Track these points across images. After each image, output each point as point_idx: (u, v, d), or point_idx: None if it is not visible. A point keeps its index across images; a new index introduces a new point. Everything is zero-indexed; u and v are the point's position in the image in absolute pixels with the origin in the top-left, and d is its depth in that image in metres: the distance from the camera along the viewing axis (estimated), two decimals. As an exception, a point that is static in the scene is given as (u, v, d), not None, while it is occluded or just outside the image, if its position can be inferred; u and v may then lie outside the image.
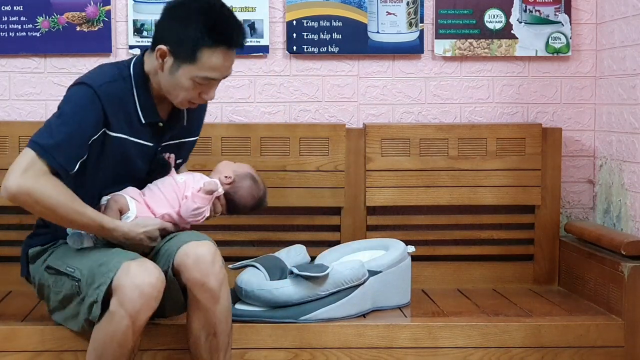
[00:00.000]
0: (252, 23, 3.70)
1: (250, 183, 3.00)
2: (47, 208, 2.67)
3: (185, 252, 2.71)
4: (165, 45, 2.72)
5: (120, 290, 2.60)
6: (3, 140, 3.49)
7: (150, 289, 2.61)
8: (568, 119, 3.80)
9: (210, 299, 2.72)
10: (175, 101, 2.82)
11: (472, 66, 3.79)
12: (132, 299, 2.59)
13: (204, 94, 2.78)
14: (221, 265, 2.74)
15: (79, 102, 2.73)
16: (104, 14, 3.65)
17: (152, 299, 2.62)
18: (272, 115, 3.74)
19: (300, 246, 3.32)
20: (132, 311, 2.60)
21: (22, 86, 3.67)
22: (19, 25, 3.64)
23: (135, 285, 2.59)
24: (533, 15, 3.75)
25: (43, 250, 2.92)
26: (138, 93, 2.82)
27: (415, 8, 3.73)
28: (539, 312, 3.24)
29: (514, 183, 3.62)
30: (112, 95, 2.76)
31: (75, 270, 2.75)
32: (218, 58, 2.71)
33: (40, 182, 2.65)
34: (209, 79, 2.74)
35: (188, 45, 2.69)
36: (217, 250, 2.75)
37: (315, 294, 3.04)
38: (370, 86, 3.77)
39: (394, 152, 3.61)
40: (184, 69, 2.71)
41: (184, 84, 2.74)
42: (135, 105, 2.82)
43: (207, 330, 2.77)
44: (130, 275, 2.60)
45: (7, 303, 3.33)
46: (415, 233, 3.63)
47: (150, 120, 2.84)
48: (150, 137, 2.87)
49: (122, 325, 2.61)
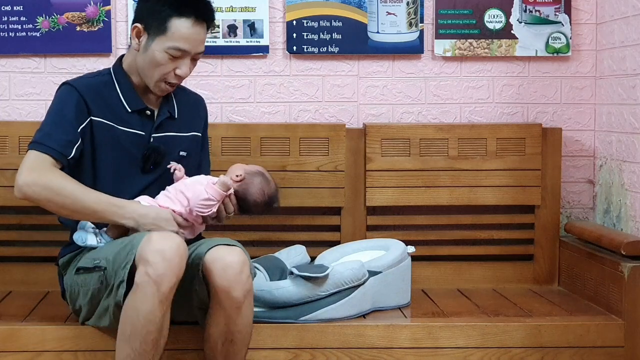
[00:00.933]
0: (252, 23, 3.70)
1: (261, 179, 3.00)
2: (62, 197, 2.77)
3: (214, 257, 2.71)
4: (139, 23, 2.87)
5: (143, 258, 2.61)
6: (3, 140, 3.48)
7: (172, 253, 2.61)
8: (568, 119, 3.80)
9: (233, 308, 2.72)
10: (152, 83, 2.90)
11: (472, 66, 3.79)
12: (155, 262, 2.58)
13: (178, 69, 2.87)
14: (248, 275, 2.74)
15: (59, 97, 2.92)
16: (104, 14, 3.65)
17: (175, 263, 2.61)
18: (272, 115, 3.74)
19: (300, 246, 3.32)
20: (156, 275, 2.58)
21: (22, 86, 3.67)
22: (19, 26, 3.64)
23: (157, 250, 2.59)
24: (533, 15, 3.75)
25: (72, 257, 2.93)
26: (120, 85, 2.94)
27: (415, 8, 3.73)
28: (539, 312, 3.24)
29: (514, 183, 3.62)
30: (91, 87, 2.92)
31: (100, 260, 2.77)
32: (187, 28, 2.84)
33: (49, 174, 2.79)
34: (180, 50, 2.84)
35: (158, 17, 2.83)
36: (246, 259, 2.75)
37: (315, 294, 3.04)
38: (370, 86, 3.77)
39: (394, 152, 3.61)
40: (156, 42, 2.84)
41: (157, 57, 2.84)
42: (119, 95, 2.93)
43: (225, 336, 2.77)
44: (152, 243, 2.62)
45: (7, 303, 3.32)
46: (415, 233, 3.63)
47: (135, 108, 2.93)
48: (141, 126, 2.94)
49: (148, 293, 2.59)
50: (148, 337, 2.65)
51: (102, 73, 3.00)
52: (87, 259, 2.84)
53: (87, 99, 2.88)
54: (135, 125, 2.93)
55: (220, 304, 2.73)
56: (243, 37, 3.70)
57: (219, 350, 2.80)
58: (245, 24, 3.70)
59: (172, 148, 2.99)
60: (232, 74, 3.73)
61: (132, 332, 2.65)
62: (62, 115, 2.86)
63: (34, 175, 2.78)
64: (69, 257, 2.94)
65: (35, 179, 2.77)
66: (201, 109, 3.16)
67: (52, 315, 3.10)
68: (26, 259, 3.55)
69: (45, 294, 3.43)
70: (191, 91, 3.19)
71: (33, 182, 2.77)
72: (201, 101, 3.19)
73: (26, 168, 2.79)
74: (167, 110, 2.99)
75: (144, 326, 2.63)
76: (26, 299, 3.35)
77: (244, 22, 3.70)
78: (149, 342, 2.65)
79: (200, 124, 3.13)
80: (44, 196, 2.78)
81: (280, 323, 3.01)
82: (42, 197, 2.78)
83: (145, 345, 2.65)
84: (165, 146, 2.97)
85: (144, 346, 2.65)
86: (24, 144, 3.46)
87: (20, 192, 2.80)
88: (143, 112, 2.95)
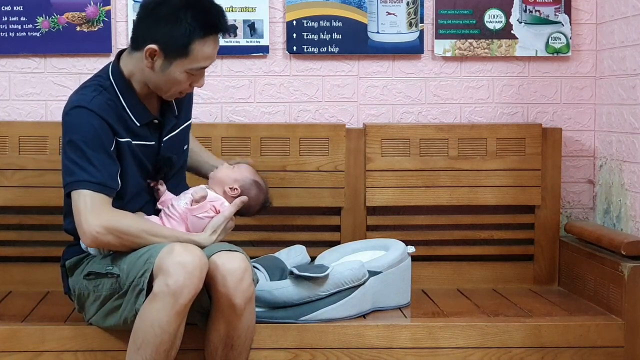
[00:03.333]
0: (252, 23, 3.70)
1: (256, 191, 3.00)
2: (131, 239, 2.72)
3: (216, 264, 2.70)
4: (154, 44, 2.75)
5: (162, 268, 2.59)
6: (3, 140, 3.48)
7: (193, 266, 2.60)
8: (568, 119, 3.80)
9: (233, 315, 2.73)
10: (165, 95, 2.86)
11: (472, 66, 3.79)
12: (175, 273, 2.57)
13: (195, 82, 2.84)
14: (250, 282, 2.74)
15: (83, 125, 2.75)
16: (104, 14, 3.65)
17: (195, 276, 2.60)
18: (272, 116, 3.74)
19: (301, 246, 3.32)
20: (175, 287, 2.57)
21: (22, 86, 3.67)
22: (19, 26, 3.64)
23: (178, 262, 2.59)
24: (533, 15, 3.75)
25: (80, 260, 2.91)
26: (125, 99, 2.84)
27: (415, 8, 3.73)
28: (539, 312, 3.24)
29: (514, 183, 3.62)
30: (103, 106, 2.79)
31: (114, 267, 2.75)
32: (209, 47, 2.78)
33: (115, 216, 2.73)
34: (202, 69, 2.81)
35: (180, 41, 2.74)
36: (248, 266, 2.74)
37: (315, 294, 3.04)
38: (370, 86, 3.77)
39: (394, 152, 3.61)
40: (176, 64, 2.76)
41: (177, 78, 2.79)
42: (126, 111, 2.85)
43: (225, 342, 2.78)
44: (174, 254, 2.61)
45: (7, 303, 3.32)
46: (415, 233, 3.63)
47: (144, 122, 2.88)
48: (150, 135, 2.90)
49: (166, 304, 2.59)
50: (161, 347, 2.64)
51: (104, 86, 2.84)
52: (99, 264, 2.81)
53: (109, 120, 2.77)
54: (145, 136, 2.89)
55: (221, 311, 2.73)
56: (243, 37, 3.70)
57: (218, 355, 2.80)
58: (245, 24, 3.70)
59: (179, 147, 2.99)
60: (232, 74, 3.73)
61: (144, 340, 2.64)
62: (99, 145, 2.73)
63: (105, 221, 2.68)
64: (77, 259, 2.91)
65: (102, 226, 2.67)
66: (191, 97, 3.11)
67: (52, 315, 3.10)
68: (26, 259, 3.55)
69: (45, 294, 3.43)
70: None
71: (102, 231, 2.68)
72: None
73: (89, 213, 2.68)
74: (172, 116, 2.96)
75: (157, 336, 2.62)
76: (26, 299, 3.35)
77: (244, 22, 3.70)
78: (161, 353, 2.65)
79: (190, 109, 3.10)
80: (119, 242, 2.72)
81: (280, 323, 3.01)
82: (117, 243, 2.72)
83: (156, 356, 2.65)
84: (173, 147, 2.96)
85: (155, 356, 2.64)
86: (24, 144, 3.47)
87: (93, 241, 2.71)
88: (151, 122, 2.90)
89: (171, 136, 2.96)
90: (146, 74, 2.81)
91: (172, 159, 2.94)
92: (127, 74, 2.86)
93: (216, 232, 2.83)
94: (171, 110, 2.97)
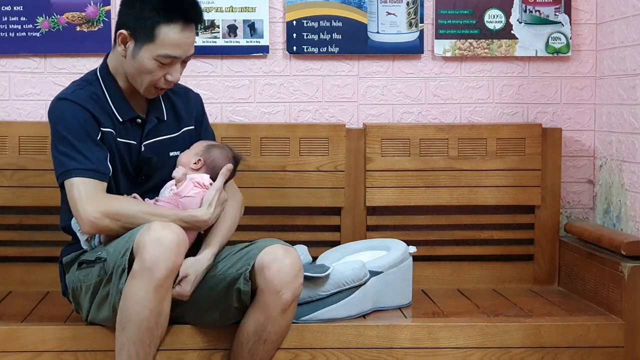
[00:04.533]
0: (252, 23, 3.70)
1: (218, 151, 2.97)
2: (129, 220, 2.72)
3: (273, 257, 2.72)
4: (125, 29, 2.78)
5: (140, 246, 2.59)
6: (3, 140, 3.48)
7: (168, 241, 2.59)
8: (568, 119, 3.80)
9: (279, 309, 2.74)
10: (141, 89, 2.84)
11: (472, 66, 3.79)
12: (152, 250, 2.57)
13: (169, 74, 2.81)
14: (302, 282, 2.76)
15: (67, 116, 2.80)
16: (104, 14, 3.65)
17: (172, 251, 2.59)
18: (272, 116, 3.74)
19: (302, 246, 3.31)
20: (151, 262, 2.57)
21: (22, 86, 3.67)
22: (19, 26, 3.64)
23: (154, 238, 2.58)
24: (533, 15, 3.75)
25: (77, 256, 2.91)
26: (109, 93, 2.87)
27: (415, 8, 3.73)
28: (539, 312, 3.24)
29: (513, 183, 3.62)
30: (86, 98, 2.82)
31: (102, 252, 2.76)
32: (176, 33, 2.75)
33: (110, 199, 2.75)
34: (170, 57, 2.77)
35: (146, 24, 2.74)
36: (302, 266, 2.77)
37: (316, 294, 3.04)
38: (370, 86, 3.77)
39: (394, 152, 3.61)
40: (145, 49, 2.76)
41: (147, 65, 2.77)
42: (110, 105, 2.86)
43: (260, 335, 2.77)
44: (151, 231, 2.60)
45: (7, 303, 3.32)
46: (415, 233, 3.63)
47: (127, 118, 2.88)
48: (133, 135, 2.90)
49: (143, 279, 2.58)
50: (143, 324, 2.63)
51: (89, 80, 2.89)
52: (91, 253, 2.83)
53: (91, 110, 2.80)
54: (128, 134, 2.89)
55: (264, 303, 2.73)
56: (243, 37, 3.70)
57: (248, 347, 2.80)
58: (245, 24, 3.70)
59: (163, 152, 2.96)
60: (232, 74, 3.73)
61: (127, 320, 2.64)
62: (83, 134, 2.77)
63: (101, 206, 2.70)
64: (74, 255, 2.92)
65: (99, 211, 2.70)
66: (191, 102, 3.09)
67: (52, 315, 3.10)
68: (26, 259, 3.55)
69: (45, 294, 3.43)
70: (177, 86, 3.07)
71: (100, 216, 2.70)
72: (190, 94, 3.11)
73: (84, 200, 2.70)
74: (155, 117, 2.94)
75: (138, 313, 2.62)
76: (26, 299, 3.35)
77: (244, 22, 3.70)
78: (144, 330, 2.64)
79: (191, 116, 3.07)
80: (118, 225, 2.73)
81: (281, 323, 3.01)
82: (116, 227, 2.73)
83: (140, 334, 2.63)
84: (157, 151, 2.93)
85: (139, 334, 2.63)
86: (24, 144, 3.47)
87: (92, 227, 2.73)
88: (134, 120, 2.90)
89: (156, 141, 2.94)
90: (124, 64, 2.83)
91: (152, 159, 2.92)
92: (112, 69, 2.90)
93: (212, 204, 2.81)
94: (157, 111, 2.95)
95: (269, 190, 3.55)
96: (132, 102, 2.91)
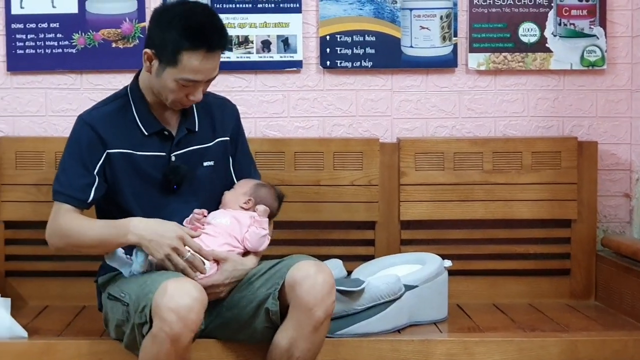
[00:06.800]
0: (285, 38, 3.71)
1: (265, 190, 3.01)
2: (73, 238, 2.81)
3: (305, 274, 2.69)
4: (150, 49, 2.80)
5: (158, 312, 2.56)
6: (40, 156, 3.51)
7: (186, 312, 2.54)
8: (604, 133, 3.77)
9: (311, 327, 2.70)
10: (167, 103, 2.87)
11: (507, 80, 3.77)
12: (171, 322, 2.53)
13: (191, 95, 2.82)
14: (334, 299, 2.73)
15: (72, 136, 2.91)
16: (139, 31, 3.68)
17: (191, 321, 2.56)
18: (306, 130, 3.75)
19: (337, 260, 3.31)
20: (172, 335, 2.54)
21: (58, 102, 3.71)
22: (56, 42, 3.68)
23: (170, 309, 2.53)
24: (568, 28, 3.73)
25: (112, 277, 2.92)
26: (136, 107, 2.91)
27: (449, 22, 3.72)
28: (576, 327, 3.21)
29: (549, 197, 3.60)
30: (103, 117, 2.88)
31: (125, 295, 2.75)
32: (198, 60, 2.74)
33: (60, 220, 2.83)
34: (191, 81, 2.78)
35: (169, 48, 2.75)
36: (334, 282, 2.74)
37: (351, 308, 3.03)
38: (403, 100, 3.77)
39: (428, 166, 3.60)
40: (167, 71, 2.77)
41: (169, 85, 2.79)
42: (135, 119, 2.90)
43: (291, 352, 2.74)
44: (167, 297, 2.55)
45: (43, 317, 3.35)
46: (449, 247, 3.61)
47: (152, 131, 2.90)
48: (161, 147, 2.91)
49: (165, 348, 2.57)
50: None
51: (119, 95, 2.95)
52: (117, 287, 2.83)
53: (100, 132, 2.85)
54: (155, 147, 2.90)
55: (297, 320, 2.70)
56: (277, 53, 3.71)
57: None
58: (278, 39, 3.71)
59: (195, 162, 2.97)
60: (266, 88, 3.74)
61: None
62: (77, 157, 2.85)
63: (52, 226, 2.85)
64: (109, 276, 2.93)
65: (52, 229, 2.85)
66: (227, 113, 3.09)
67: (88, 329, 3.12)
68: (63, 274, 3.57)
69: (82, 309, 3.45)
70: (215, 96, 3.10)
71: (51, 233, 2.86)
72: (226, 104, 3.12)
73: (49, 221, 2.86)
74: (185, 128, 2.95)
75: None
76: (62, 313, 3.37)
77: (278, 38, 3.71)
78: None
79: (227, 127, 3.07)
80: (63, 243, 2.85)
81: (316, 337, 3.00)
82: (62, 244, 2.86)
83: None
84: (189, 161, 2.94)
85: None
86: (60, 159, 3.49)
87: (50, 246, 2.89)
88: (161, 133, 2.91)
89: (188, 151, 2.95)
90: (150, 80, 2.86)
91: (178, 168, 2.92)
92: (142, 84, 2.93)
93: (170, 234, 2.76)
94: (189, 122, 2.96)
95: (303, 204, 3.55)
96: (161, 115, 2.92)
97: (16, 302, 3.27)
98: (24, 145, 3.55)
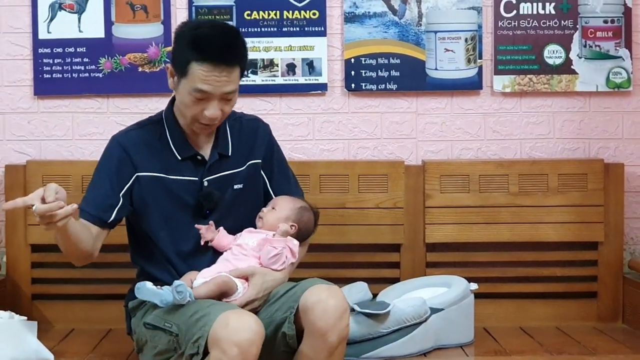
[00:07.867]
0: (310, 61, 3.73)
1: (308, 214, 3.02)
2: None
3: (317, 299, 2.67)
4: (170, 64, 2.88)
5: (218, 345, 2.53)
6: (66, 179, 3.52)
7: (248, 345, 2.52)
8: (630, 154, 3.75)
9: (325, 353, 2.68)
10: (186, 125, 2.90)
11: (532, 102, 3.77)
12: (233, 356, 2.50)
13: (206, 110, 2.81)
14: (347, 323, 2.70)
15: (104, 155, 2.96)
16: (165, 55, 3.70)
17: (252, 355, 2.53)
18: (331, 153, 3.76)
19: (362, 283, 3.30)
20: None
21: (85, 126, 3.73)
22: (82, 67, 3.71)
23: (234, 343, 2.51)
24: (593, 50, 3.73)
25: (140, 302, 2.91)
26: (170, 131, 2.94)
27: (473, 44, 3.72)
28: (603, 351, 3.18)
29: (576, 219, 3.58)
30: (137, 139, 2.92)
31: (172, 325, 2.72)
32: (204, 71, 2.77)
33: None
34: (201, 91, 2.78)
35: (181, 60, 2.80)
36: (348, 306, 2.72)
37: (376, 331, 3.02)
38: (428, 123, 3.77)
39: (454, 189, 3.59)
40: (182, 84, 2.82)
41: (185, 100, 2.83)
42: (169, 143, 2.93)
43: None
44: (229, 330, 2.53)
45: (70, 341, 3.36)
46: (475, 270, 3.60)
47: (185, 156, 2.92)
48: (194, 172, 2.93)
49: None
50: None
51: (154, 119, 2.99)
52: (156, 316, 2.79)
53: (132, 155, 2.89)
54: (187, 171, 2.92)
55: (311, 346, 2.69)
56: (302, 76, 3.73)
57: None
58: (303, 62, 3.73)
59: (227, 186, 2.97)
60: (290, 111, 3.75)
61: None
62: (105, 176, 2.89)
63: None
64: (138, 301, 2.91)
65: None
66: (259, 135, 3.10)
67: (115, 352, 3.13)
68: (89, 297, 3.59)
69: (108, 332, 3.45)
70: (247, 118, 3.11)
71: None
72: (258, 125, 3.12)
73: None
74: (217, 153, 2.96)
75: None
76: (89, 336, 3.38)
77: (303, 61, 3.73)
78: None
79: (259, 150, 3.08)
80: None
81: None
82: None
83: None
84: (220, 187, 2.95)
85: None
86: (87, 183, 3.49)
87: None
88: (194, 157, 2.93)
89: (220, 177, 2.96)
90: (177, 98, 2.90)
91: (212, 194, 2.93)
92: (175, 109, 2.96)
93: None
94: (221, 147, 2.97)
95: (328, 227, 3.54)
96: (195, 140, 2.94)
97: (42, 325, 3.28)
98: (51, 169, 3.58)
